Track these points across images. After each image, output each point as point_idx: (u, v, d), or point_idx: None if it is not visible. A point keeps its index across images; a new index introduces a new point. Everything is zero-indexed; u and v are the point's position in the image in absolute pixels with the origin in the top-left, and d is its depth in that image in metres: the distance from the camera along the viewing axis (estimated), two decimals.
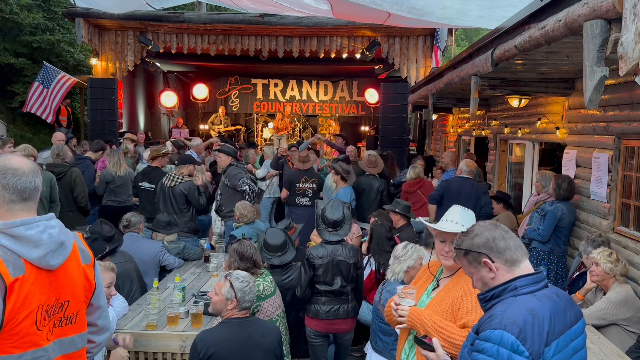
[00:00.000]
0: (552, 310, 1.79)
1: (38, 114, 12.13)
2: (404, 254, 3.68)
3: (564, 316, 1.81)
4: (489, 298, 1.89)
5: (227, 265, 3.90)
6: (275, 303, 3.87)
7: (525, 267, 1.89)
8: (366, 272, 4.82)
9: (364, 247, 5.10)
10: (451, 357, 2.11)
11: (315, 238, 5.94)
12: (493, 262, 1.88)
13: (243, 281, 3.08)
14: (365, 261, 4.96)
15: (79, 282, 2.04)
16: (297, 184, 7.32)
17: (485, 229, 1.94)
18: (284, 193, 7.58)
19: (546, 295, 1.84)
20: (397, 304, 2.46)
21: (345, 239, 4.31)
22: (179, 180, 6.15)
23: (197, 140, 10.07)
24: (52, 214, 2.01)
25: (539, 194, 5.81)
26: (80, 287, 2.05)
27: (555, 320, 1.78)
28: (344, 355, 4.29)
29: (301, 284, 4.03)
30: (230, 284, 3.07)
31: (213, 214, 7.22)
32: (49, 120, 12.37)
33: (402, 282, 3.66)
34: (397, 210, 5.63)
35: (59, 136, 9.33)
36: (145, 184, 6.92)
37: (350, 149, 9.53)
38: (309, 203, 7.26)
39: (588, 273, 4.02)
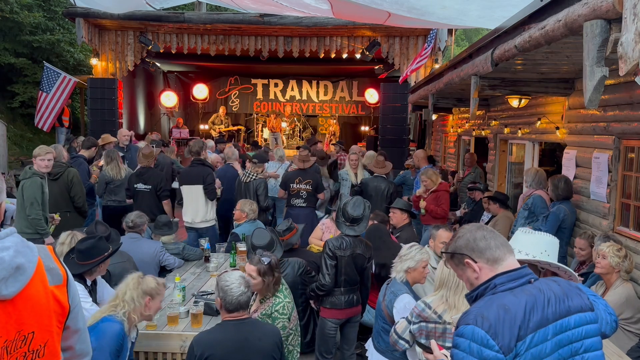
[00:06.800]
0: (528, 305, 1.79)
1: (39, 126, 12.09)
2: (407, 254, 3.67)
3: (543, 311, 1.81)
4: (474, 298, 1.93)
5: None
6: (294, 316, 3.82)
7: (508, 264, 1.90)
8: None
9: None
10: None
11: (314, 241, 5.92)
12: (475, 262, 1.91)
13: (227, 281, 3.04)
14: None
15: (46, 308, 1.71)
16: (292, 185, 7.26)
17: (467, 231, 1.98)
18: (281, 193, 7.54)
19: (525, 290, 1.84)
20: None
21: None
22: (254, 177, 7.06)
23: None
24: (7, 230, 1.65)
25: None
26: (48, 314, 1.72)
27: (531, 315, 1.78)
28: (352, 334, 4.50)
29: (326, 272, 4.20)
30: (217, 282, 3.08)
31: None
32: (44, 129, 12.19)
33: (407, 283, 3.61)
34: (398, 207, 5.64)
35: (124, 132, 9.25)
36: (140, 185, 6.80)
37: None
38: (304, 204, 7.17)
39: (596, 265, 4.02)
